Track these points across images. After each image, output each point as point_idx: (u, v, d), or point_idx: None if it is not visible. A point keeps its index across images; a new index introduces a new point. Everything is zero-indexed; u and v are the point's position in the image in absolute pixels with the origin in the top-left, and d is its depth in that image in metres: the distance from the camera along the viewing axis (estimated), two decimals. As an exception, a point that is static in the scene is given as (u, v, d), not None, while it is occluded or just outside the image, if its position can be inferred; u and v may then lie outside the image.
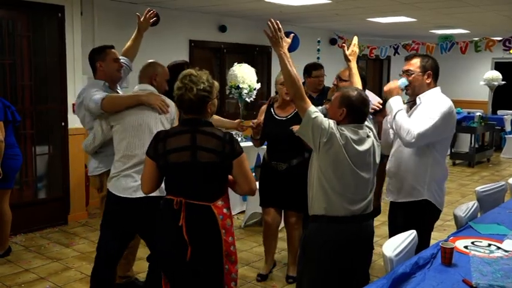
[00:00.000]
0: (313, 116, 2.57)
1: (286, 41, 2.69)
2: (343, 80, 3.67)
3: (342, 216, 2.60)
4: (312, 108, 2.61)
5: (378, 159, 2.71)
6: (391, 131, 3.23)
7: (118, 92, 3.61)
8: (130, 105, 3.14)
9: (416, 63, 3.04)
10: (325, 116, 2.70)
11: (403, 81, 3.04)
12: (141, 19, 3.80)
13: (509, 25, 8.33)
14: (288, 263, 4.17)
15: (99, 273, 3.25)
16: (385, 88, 3.07)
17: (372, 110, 3.23)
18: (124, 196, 3.07)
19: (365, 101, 2.67)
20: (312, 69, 4.68)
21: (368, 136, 2.66)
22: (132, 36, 3.83)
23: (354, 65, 3.23)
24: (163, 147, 2.53)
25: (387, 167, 3.22)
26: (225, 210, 2.58)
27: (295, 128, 3.55)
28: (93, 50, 3.60)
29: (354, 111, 2.63)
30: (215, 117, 3.86)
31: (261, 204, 4.11)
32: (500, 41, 8.02)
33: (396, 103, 2.99)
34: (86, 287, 4.00)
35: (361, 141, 2.60)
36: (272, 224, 4.03)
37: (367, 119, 2.82)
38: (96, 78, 3.51)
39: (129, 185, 3.07)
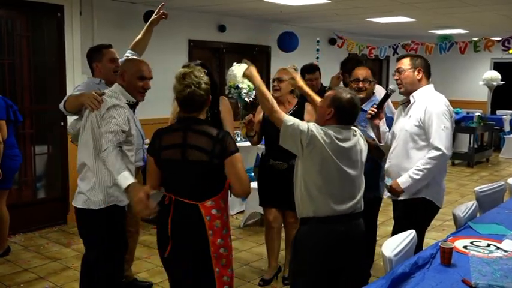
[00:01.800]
0: (289, 123, 2.62)
1: (253, 67, 2.89)
2: (369, 81, 3.65)
3: (330, 216, 2.60)
4: (286, 117, 2.66)
5: (364, 159, 2.72)
6: (387, 134, 3.30)
7: None
8: (77, 106, 3.03)
9: (406, 61, 3.17)
10: None
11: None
12: (156, 11, 3.69)
13: (508, 25, 8.33)
14: (285, 264, 4.08)
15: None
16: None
17: (368, 116, 3.29)
18: None
19: (355, 106, 2.68)
20: (305, 72, 4.65)
21: (354, 135, 2.68)
22: (143, 30, 3.72)
23: (306, 92, 3.21)
24: (159, 144, 2.58)
25: (386, 166, 3.24)
26: (214, 211, 2.53)
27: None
28: (90, 49, 3.55)
29: (341, 113, 2.65)
30: None
31: (261, 204, 4.07)
32: (499, 41, 8.02)
33: (406, 182, 3.03)
34: (85, 286, 4.00)
35: (345, 140, 2.62)
36: (274, 223, 3.97)
37: (362, 123, 2.96)
38: (94, 77, 3.49)
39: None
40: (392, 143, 3.23)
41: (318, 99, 3.06)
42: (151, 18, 3.70)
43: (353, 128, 2.72)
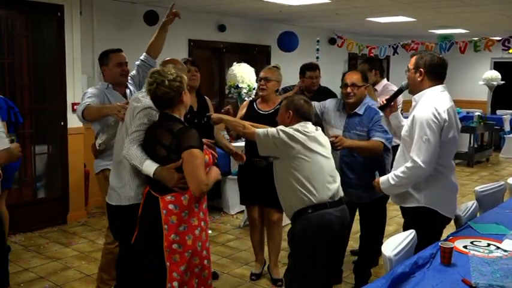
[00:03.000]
0: (260, 133, 2.95)
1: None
2: (357, 86, 3.59)
3: (322, 203, 2.82)
4: (256, 130, 3.00)
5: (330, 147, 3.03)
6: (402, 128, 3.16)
7: (125, 94, 3.62)
8: (99, 117, 3.29)
9: (412, 60, 2.98)
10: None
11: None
12: (168, 13, 3.73)
13: (508, 25, 8.33)
14: (270, 265, 4.07)
15: None
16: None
17: (378, 105, 3.29)
18: None
19: (307, 102, 3.06)
20: (306, 70, 4.67)
21: (316, 130, 2.99)
22: (156, 32, 3.75)
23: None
24: (144, 139, 2.73)
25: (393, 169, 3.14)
26: (171, 206, 2.57)
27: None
28: (100, 54, 3.67)
29: (299, 111, 2.99)
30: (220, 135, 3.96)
31: (242, 202, 4.13)
32: (499, 40, 8.02)
33: (384, 183, 2.99)
34: (85, 286, 4.00)
35: (311, 131, 2.93)
36: (257, 221, 4.03)
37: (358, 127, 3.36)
38: (105, 81, 3.61)
39: None
40: (399, 146, 3.11)
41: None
42: (163, 20, 3.73)
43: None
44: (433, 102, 2.81)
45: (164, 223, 2.56)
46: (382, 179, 3.02)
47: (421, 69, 2.90)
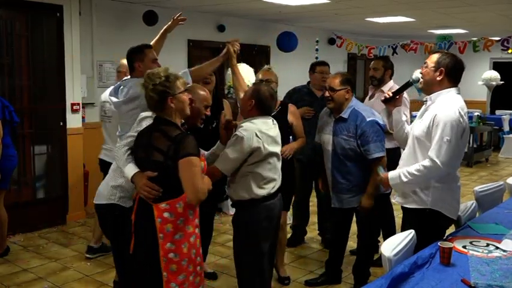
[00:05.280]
0: (225, 167, 2.90)
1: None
2: (334, 90, 3.53)
3: (264, 196, 2.96)
4: (219, 165, 2.90)
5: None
6: (406, 126, 3.12)
7: None
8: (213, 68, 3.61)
9: (434, 57, 2.89)
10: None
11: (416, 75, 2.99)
12: (173, 19, 3.76)
13: (507, 25, 8.34)
14: (278, 264, 4.02)
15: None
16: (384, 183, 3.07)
17: (383, 98, 3.17)
18: None
19: (272, 96, 3.04)
20: (316, 65, 4.68)
21: (273, 123, 3.06)
22: (158, 36, 3.77)
23: (234, 62, 3.61)
24: (135, 143, 2.67)
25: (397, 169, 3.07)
26: (166, 215, 2.47)
27: None
28: (132, 49, 3.53)
29: (261, 103, 2.98)
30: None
31: None
32: (498, 40, 8.03)
33: (394, 179, 2.92)
34: (84, 286, 4.00)
35: (270, 129, 2.99)
36: None
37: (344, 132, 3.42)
38: (133, 77, 3.46)
39: None
40: (407, 144, 3.05)
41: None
42: (166, 26, 3.74)
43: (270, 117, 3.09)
44: (456, 104, 2.78)
45: (159, 232, 2.46)
46: (392, 174, 2.94)
47: (442, 69, 2.84)
